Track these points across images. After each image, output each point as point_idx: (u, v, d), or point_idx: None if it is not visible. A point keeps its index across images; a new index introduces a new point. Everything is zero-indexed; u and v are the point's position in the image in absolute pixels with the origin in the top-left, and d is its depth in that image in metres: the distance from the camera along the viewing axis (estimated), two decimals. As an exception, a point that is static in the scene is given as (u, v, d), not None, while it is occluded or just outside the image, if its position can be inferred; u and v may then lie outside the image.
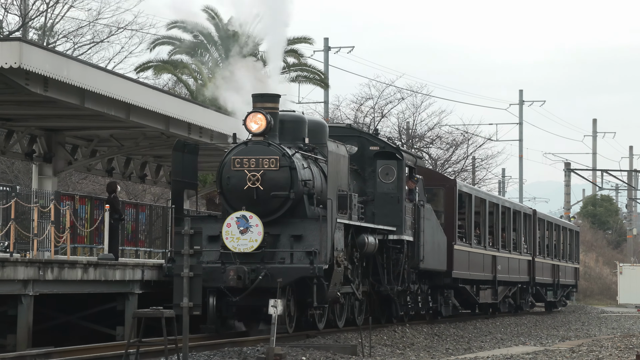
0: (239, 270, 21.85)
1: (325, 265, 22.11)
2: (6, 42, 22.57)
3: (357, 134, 27.87)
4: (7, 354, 18.21)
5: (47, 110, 25.42)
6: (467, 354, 23.58)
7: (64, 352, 18.54)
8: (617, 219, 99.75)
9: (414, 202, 28.37)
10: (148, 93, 25.87)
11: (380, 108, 61.99)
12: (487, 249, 36.51)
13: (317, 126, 25.32)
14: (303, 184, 23.09)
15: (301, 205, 23.13)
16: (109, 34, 50.97)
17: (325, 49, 56.38)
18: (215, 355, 19.35)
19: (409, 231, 27.76)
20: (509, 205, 40.81)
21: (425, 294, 30.61)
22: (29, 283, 19.82)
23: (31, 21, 48.69)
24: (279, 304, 19.82)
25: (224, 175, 22.92)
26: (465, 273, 33.46)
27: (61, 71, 22.64)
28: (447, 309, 33.33)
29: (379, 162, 26.99)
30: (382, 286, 26.85)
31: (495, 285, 37.47)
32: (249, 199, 22.58)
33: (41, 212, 23.00)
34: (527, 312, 43.64)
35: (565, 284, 50.61)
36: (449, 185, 33.54)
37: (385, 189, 26.86)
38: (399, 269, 27.42)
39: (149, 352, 18.43)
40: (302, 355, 20.72)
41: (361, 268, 25.70)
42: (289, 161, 22.81)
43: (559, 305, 50.28)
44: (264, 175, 22.61)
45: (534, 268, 42.99)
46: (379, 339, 25.23)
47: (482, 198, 36.98)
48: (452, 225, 32.57)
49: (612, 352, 21.53)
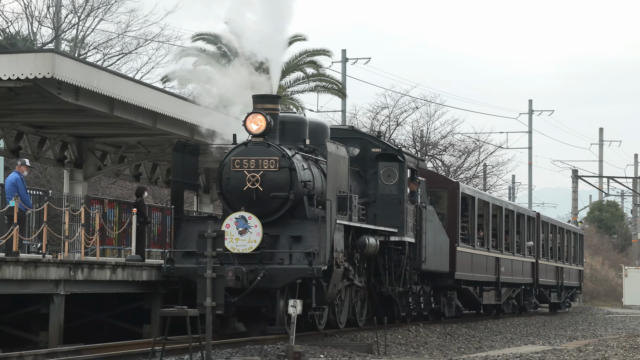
0: (238, 270, 21.01)
1: (324, 266, 21.26)
2: (40, 53, 22.67)
3: (359, 135, 26.85)
4: (40, 350, 18.26)
5: (78, 118, 25.50)
6: (479, 352, 23.51)
7: (93, 349, 18.56)
8: (622, 224, 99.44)
9: (415, 203, 27.34)
10: (174, 102, 25.93)
11: (396, 117, 61.99)
12: (491, 250, 35.56)
13: (318, 127, 24.46)
14: (303, 185, 22.27)
15: (301, 206, 22.31)
16: (137, 45, 51.20)
17: (343, 60, 56.35)
18: (237, 353, 19.34)
19: (411, 233, 26.82)
20: (512, 208, 39.86)
21: (427, 295, 29.65)
22: (60, 283, 19.87)
23: (63, 33, 48.89)
24: (298, 303, 19.73)
25: (224, 176, 22.12)
26: (468, 274, 32.55)
27: (91, 81, 22.71)
28: (450, 310, 32.48)
29: (381, 164, 26.03)
30: (383, 287, 25.90)
31: (498, 286, 36.46)
32: (249, 200, 21.79)
33: (72, 215, 23.08)
34: (531, 313, 42.95)
35: (569, 285, 49.77)
36: (452, 187, 32.56)
37: (386, 190, 25.91)
38: (401, 270, 26.46)
39: (174, 350, 18.43)
40: (320, 353, 20.70)
41: (363, 269, 24.82)
42: (289, 162, 22.00)
43: (563, 306, 49.46)
44: (263, 176, 21.82)
45: (537, 270, 42.06)
46: (394, 337, 25.17)
47: (486, 201, 36.04)
48: (454, 227, 31.59)
49: (617, 351, 21.43)
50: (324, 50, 50.89)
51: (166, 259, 22.15)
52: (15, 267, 19.09)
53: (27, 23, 48.88)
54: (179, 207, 22.76)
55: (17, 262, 19.19)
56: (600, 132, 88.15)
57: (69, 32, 49.66)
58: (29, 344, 19.46)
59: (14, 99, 23.46)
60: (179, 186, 23.05)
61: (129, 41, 51.01)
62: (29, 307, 19.81)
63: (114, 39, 50.44)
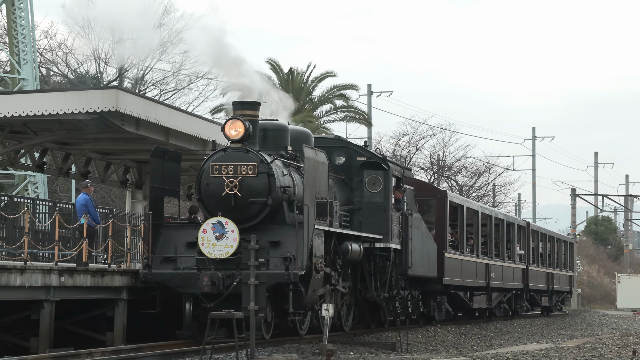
0: (213, 276, 18.85)
1: (301, 271, 18.87)
2: (105, 90, 22.87)
3: (345, 144, 24.18)
4: (107, 347, 18.33)
5: (138, 145, 25.62)
6: (490, 350, 23.36)
7: (152, 347, 18.57)
8: (615, 236, 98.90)
9: (401, 211, 24.79)
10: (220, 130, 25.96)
11: (415, 143, 62.15)
12: (480, 257, 32.84)
13: (301, 135, 22.04)
14: (282, 190, 19.94)
15: (280, 211, 20.00)
16: (189, 82, 51.46)
17: (369, 93, 56.35)
18: (278, 351, 19.27)
19: (396, 239, 24.22)
20: (503, 217, 37.02)
21: (416, 299, 27.01)
22: (123, 289, 19.93)
23: (126, 72, 49.25)
24: (330, 307, 19.35)
25: (203, 182, 19.87)
26: (457, 280, 29.93)
27: (150, 113, 22.83)
28: (441, 314, 29.97)
29: (366, 172, 23.59)
30: (369, 293, 23.47)
31: (489, 291, 33.90)
32: (228, 205, 19.49)
33: (133, 230, 23.16)
34: (523, 315, 41.06)
35: (560, 290, 47.52)
36: (440, 196, 29.95)
37: (371, 198, 23.46)
38: (386, 276, 23.81)
39: (222, 348, 18.37)
40: (350, 351, 20.63)
41: (347, 275, 22.47)
42: (267, 167, 19.72)
43: (554, 309, 47.32)
44: (242, 182, 19.56)
45: (528, 275, 39.68)
46: (415, 337, 25.05)
47: (475, 209, 33.28)
48: (443, 233, 29.01)
49: (612, 348, 21.24)
50: (352, 85, 51.03)
51: (144, 265, 19.88)
52: (85, 275, 19.21)
53: (95, 64, 49.32)
54: (158, 213, 20.44)
55: (86, 271, 19.31)
56: (595, 155, 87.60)
57: (130, 71, 50.05)
58: (97, 343, 19.51)
59: (83, 130, 23.65)
60: (158, 192, 20.69)
61: (182, 78, 51.35)
62: (96, 310, 19.87)
63: (169, 76, 50.78)
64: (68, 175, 27.60)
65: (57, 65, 49.59)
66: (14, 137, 24.92)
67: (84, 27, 47.62)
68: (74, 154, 26.87)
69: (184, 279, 19.21)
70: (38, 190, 38.34)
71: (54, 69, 50.01)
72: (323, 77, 50.56)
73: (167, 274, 19.45)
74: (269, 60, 49.63)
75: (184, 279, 19.21)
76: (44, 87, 43.71)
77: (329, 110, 50.71)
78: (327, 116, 50.69)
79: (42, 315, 18.19)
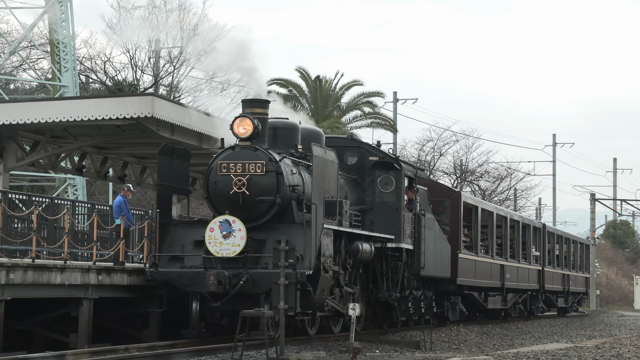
0: (220, 275, 18.07)
1: (309, 270, 18.00)
2: (142, 97, 23.02)
3: (357, 144, 23.36)
4: (142, 344, 18.38)
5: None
6: (511, 349, 23.23)
7: (185, 344, 18.55)
8: (633, 240, 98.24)
9: (413, 211, 23.81)
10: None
11: (439, 148, 61.95)
12: (495, 258, 31.83)
13: (311, 134, 21.07)
14: (291, 189, 19.11)
15: (289, 210, 19.16)
16: (221, 89, 51.60)
17: (394, 100, 56.29)
18: (306, 347, 19.26)
19: (409, 239, 23.26)
20: (518, 219, 35.85)
21: (429, 300, 26.12)
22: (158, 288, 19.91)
23: (161, 80, 49.50)
24: (357, 306, 19.18)
25: (211, 180, 19.04)
26: (471, 280, 29.02)
27: (184, 119, 22.93)
28: (455, 314, 29.05)
29: (378, 172, 22.69)
30: (380, 293, 22.61)
31: (504, 292, 32.87)
32: (235, 204, 18.69)
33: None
34: (539, 316, 40.29)
35: (576, 291, 46.62)
36: (454, 197, 28.92)
37: (384, 198, 22.59)
38: (399, 276, 22.95)
39: (252, 345, 18.33)
40: (375, 349, 20.58)
41: (358, 275, 21.65)
42: (276, 166, 18.88)
43: (570, 310, 46.43)
44: (250, 180, 18.74)
45: (543, 277, 38.78)
46: (438, 336, 24.95)
47: (490, 210, 32.22)
48: (457, 234, 28.10)
49: (630, 348, 21.04)
50: (378, 92, 50.97)
51: (151, 263, 19.16)
52: (122, 274, 19.29)
53: (132, 72, 49.59)
54: (166, 211, 19.70)
55: (123, 270, 19.39)
56: (614, 161, 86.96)
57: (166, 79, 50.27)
58: (133, 339, 19.58)
59: (120, 135, 23.79)
60: (165, 190, 19.96)
61: (215, 85, 51.49)
62: (132, 308, 19.94)
63: (202, 84, 50.97)
64: (106, 178, 27.77)
65: (96, 72, 49.96)
66: (54, 141, 25.12)
67: (121, 36, 47.88)
68: (111, 158, 27.02)
69: (190, 277, 18.57)
70: (77, 193, 38.59)
71: (92, 77, 50.38)
72: (350, 85, 50.55)
73: (174, 273, 18.79)
74: (298, 68, 49.75)
75: (191, 278, 18.56)
76: (83, 94, 44.03)
77: (356, 116, 50.72)
78: (354, 122, 50.70)
79: (81, 312, 18.29)
